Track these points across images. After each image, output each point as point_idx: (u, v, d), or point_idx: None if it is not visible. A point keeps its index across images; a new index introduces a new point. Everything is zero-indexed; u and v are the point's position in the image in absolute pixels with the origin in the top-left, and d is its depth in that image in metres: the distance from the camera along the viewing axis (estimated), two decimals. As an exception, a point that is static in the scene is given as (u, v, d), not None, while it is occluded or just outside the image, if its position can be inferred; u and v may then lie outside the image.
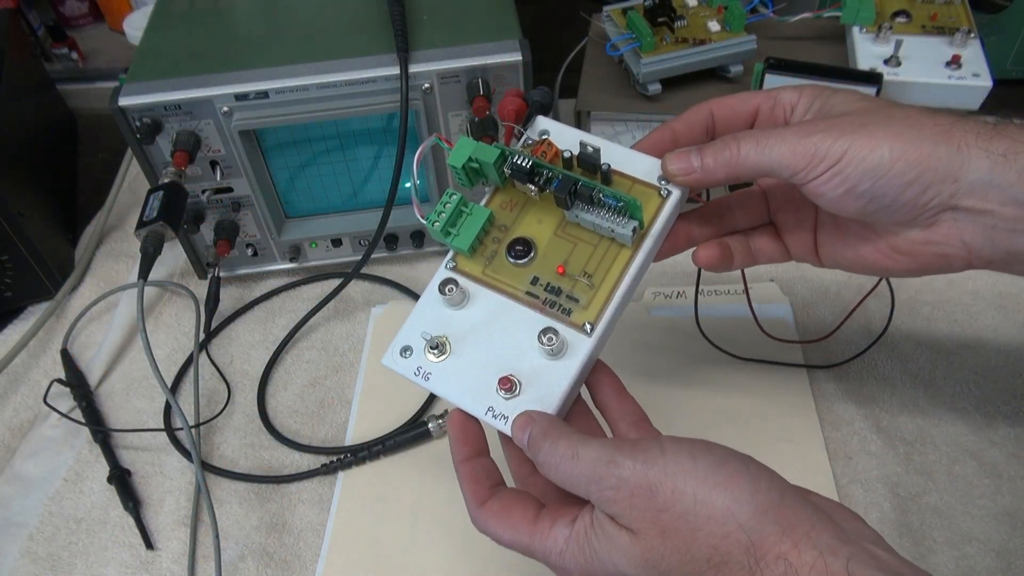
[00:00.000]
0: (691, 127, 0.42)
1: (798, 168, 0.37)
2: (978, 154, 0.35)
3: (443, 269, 0.40)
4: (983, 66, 0.64)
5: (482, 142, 0.40)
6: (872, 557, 0.29)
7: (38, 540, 0.54)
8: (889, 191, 0.36)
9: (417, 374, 0.39)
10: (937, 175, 0.36)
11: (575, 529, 0.33)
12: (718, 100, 0.42)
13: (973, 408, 0.55)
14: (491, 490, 0.37)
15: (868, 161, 0.36)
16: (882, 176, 0.36)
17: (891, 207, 0.37)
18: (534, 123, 0.42)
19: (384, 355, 0.39)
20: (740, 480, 0.30)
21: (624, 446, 0.33)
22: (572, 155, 0.40)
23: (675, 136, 0.42)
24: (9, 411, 0.63)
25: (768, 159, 0.37)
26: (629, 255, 0.39)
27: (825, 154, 0.36)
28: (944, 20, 0.67)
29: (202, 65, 0.58)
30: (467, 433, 0.38)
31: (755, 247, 0.46)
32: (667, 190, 0.40)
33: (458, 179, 0.40)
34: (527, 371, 0.38)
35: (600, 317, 0.38)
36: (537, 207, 0.41)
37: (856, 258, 0.42)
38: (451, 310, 0.40)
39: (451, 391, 0.38)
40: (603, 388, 0.40)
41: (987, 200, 0.35)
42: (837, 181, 0.36)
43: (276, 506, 0.55)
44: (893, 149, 0.35)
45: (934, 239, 0.38)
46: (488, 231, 0.41)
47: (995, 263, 0.38)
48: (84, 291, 0.71)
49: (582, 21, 0.77)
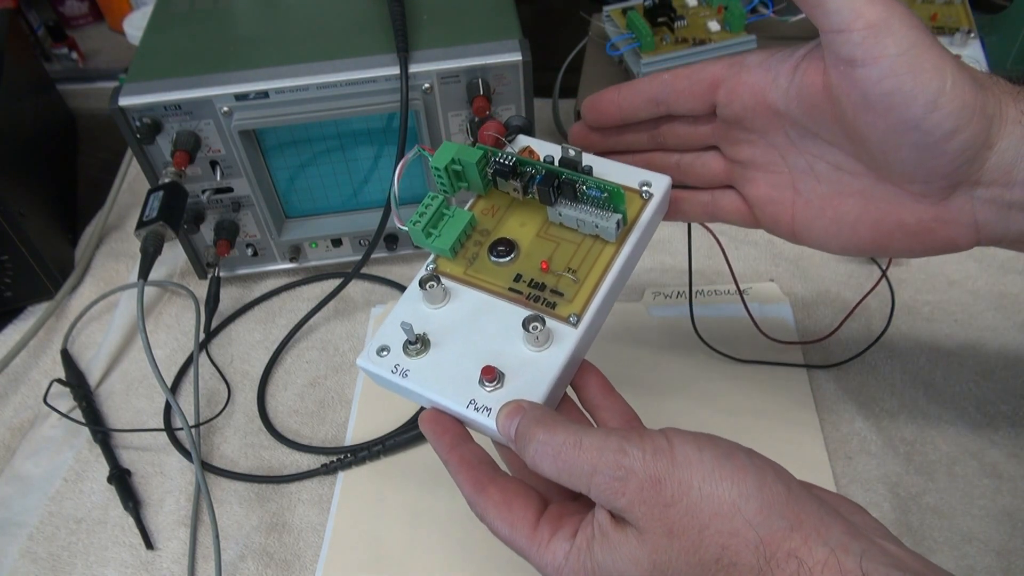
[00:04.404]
0: (638, 95, 0.40)
1: (860, 12, 0.31)
2: (1014, 119, 0.32)
3: (424, 271, 0.40)
4: (983, 66, 0.64)
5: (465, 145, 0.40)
6: (884, 552, 0.28)
7: (38, 540, 0.54)
8: (943, 125, 0.31)
9: (395, 372, 0.37)
10: (980, 134, 0.32)
11: (576, 544, 0.31)
12: (675, 70, 0.39)
13: (973, 408, 0.55)
14: (489, 475, 0.34)
15: (930, 75, 0.30)
16: (940, 100, 0.30)
17: (934, 149, 0.32)
18: (516, 140, 0.43)
19: (360, 356, 0.38)
20: (746, 473, 0.29)
21: (632, 435, 0.30)
22: (554, 159, 0.40)
23: (620, 103, 0.40)
24: (9, 411, 0.63)
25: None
26: (613, 251, 0.39)
27: (893, 29, 0.31)
28: (944, 20, 0.67)
29: (202, 65, 0.58)
30: (443, 425, 0.36)
31: (716, 197, 0.41)
32: (648, 192, 0.40)
33: (440, 183, 0.40)
34: (512, 363, 0.36)
35: (586, 309, 0.37)
36: (519, 211, 0.41)
37: (847, 230, 0.37)
38: (431, 308, 0.39)
39: (430, 387, 0.36)
40: (590, 387, 0.38)
41: (1011, 176, 0.32)
42: (897, 57, 0.30)
43: (276, 506, 0.55)
44: (957, 81, 0.31)
45: (944, 216, 0.34)
46: (470, 234, 0.40)
47: (1004, 242, 0.35)
48: (84, 291, 0.71)
49: (582, 21, 0.77)
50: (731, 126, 0.39)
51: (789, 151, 0.38)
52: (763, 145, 0.39)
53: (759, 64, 0.37)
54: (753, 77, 0.37)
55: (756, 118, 0.38)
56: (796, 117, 0.37)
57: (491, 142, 0.41)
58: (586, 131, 0.44)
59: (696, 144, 0.42)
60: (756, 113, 0.38)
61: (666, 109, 0.40)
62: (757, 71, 0.37)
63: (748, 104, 0.38)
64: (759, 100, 0.37)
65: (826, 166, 0.37)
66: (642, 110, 0.41)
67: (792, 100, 0.36)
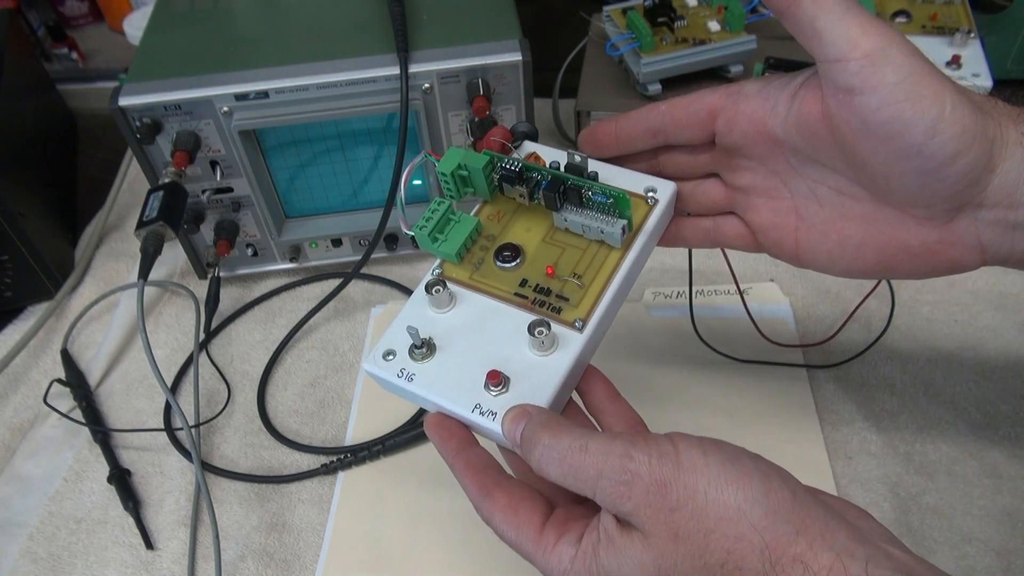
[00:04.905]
0: (635, 125, 0.40)
1: (856, 43, 0.31)
2: (1015, 140, 0.32)
3: (430, 276, 0.40)
4: (983, 66, 0.64)
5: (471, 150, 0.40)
6: (889, 558, 0.28)
7: (38, 540, 0.54)
8: (944, 150, 0.31)
9: (400, 376, 0.37)
10: (982, 157, 0.32)
11: (581, 548, 0.31)
12: (672, 100, 0.39)
13: (973, 408, 0.55)
14: (495, 479, 0.34)
15: (930, 101, 0.31)
16: (940, 126, 0.31)
17: (936, 174, 0.32)
18: (522, 147, 0.43)
19: (365, 360, 0.38)
20: (751, 478, 0.29)
21: (638, 439, 0.31)
22: (560, 165, 0.40)
23: (617, 134, 0.40)
24: (9, 411, 0.63)
25: (826, 23, 0.32)
26: (619, 256, 0.39)
27: (891, 57, 0.31)
28: (944, 20, 0.67)
29: (202, 65, 0.58)
30: (448, 429, 0.36)
31: (718, 224, 0.41)
32: (654, 199, 0.40)
33: (446, 188, 0.40)
34: (517, 368, 0.36)
35: (591, 315, 0.37)
36: (525, 216, 0.41)
37: (851, 253, 0.37)
38: (437, 313, 0.39)
39: (435, 391, 0.36)
40: (596, 392, 0.38)
41: (1014, 197, 0.32)
42: (895, 86, 0.31)
43: (276, 506, 0.55)
44: (956, 105, 0.31)
45: (949, 238, 0.34)
46: (476, 240, 0.40)
47: (1010, 262, 0.35)
48: (84, 291, 0.71)
49: (582, 21, 0.77)
50: (731, 154, 0.39)
51: (790, 177, 0.38)
52: (764, 172, 0.39)
53: (757, 93, 0.37)
54: (751, 106, 0.37)
55: (755, 146, 0.38)
56: (796, 144, 0.37)
57: (497, 148, 0.41)
58: None
59: (696, 172, 0.42)
60: (755, 141, 0.38)
61: (664, 139, 0.40)
62: (755, 100, 0.37)
63: (747, 132, 0.38)
64: (758, 128, 0.37)
65: (828, 191, 0.37)
66: (640, 140, 0.41)
67: (791, 128, 0.36)
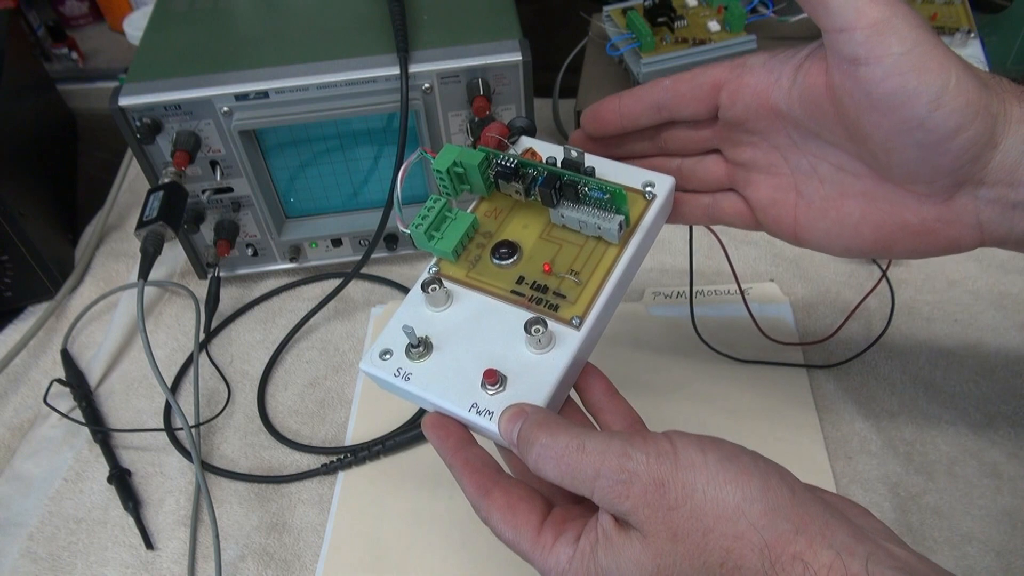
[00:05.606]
0: (639, 101, 0.40)
1: (862, 12, 0.31)
2: (1018, 118, 0.32)
3: (426, 274, 0.40)
4: (983, 66, 0.64)
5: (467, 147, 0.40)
6: (889, 555, 0.28)
7: (38, 540, 0.54)
8: (946, 123, 0.31)
9: (397, 375, 0.37)
10: (984, 133, 0.31)
11: (579, 548, 0.31)
12: (676, 75, 0.39)
13: (973, 408, 0.55)
14: (493, 478, 0.34)
15: (934, 73, 0.31)
16: (943, 99, 0.31)
17: (937, 147, 0.32)
18: (519, 142, 0.43)
19: (362, 359, 0.38)
20: (750, 476, 0.29)
21: (635, 438, 0.30)
22: (556, 160, 0.40)
23: (621, 111, 0.40)
24: (9, 411, 0.63)
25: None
26: (617, 252, 0.38)
27: (896, 28, 0.31)
28: (944, 20, 0.67)
29: (202, 65, 0.58)
30: (446, 429, 0.36)
31: (717, 200, 0.41)
32: (651, 193, 0.40)
33: (442, 185, 0.40)
34: (514, 366, 0.36)
35: (588, 312, 0.37)
36: (522, 213, 0.41)
37: (849, 231, 0.37)
38: (433, 311, 0.39)
39: (432, 391, 0.36)
40: (593, 390, 0.38)
41: (1015, 175, 0.32)
42: (900, 56, 0.30)
43: (276, 506, 0.55)
44: (960, 79, 0.31)
45: (947, 216, 0.34)
46: (472, 237, 0.40)
47: (1008, 243, 0.34)
48: (84, 291, 0.71)
49: (582, 21, 0.77)
50: (733, 128, 0.39)
51: (791, 153, 0.38)
52: (765, 147, 0.39)
53: (761, 65, 0.37)
54: (755, 78, 0.37)
55: (758, 120, 0.38)
56: (798, 118, 0.36)
57: (493, 144, 0.41)
58: (584, 140, 0.44)
59: (698, 148, 0.42)
60: (758, 115, 0.38)
61: (668, 115, 0.40)
62: (759, 72, 0.37)
63: (750, 106, 0.38)
64: (761, 102, 0.37)
65: (829, 167, 0.37)
66: (644, 117, 0.41)
67: (795, 101, 0.36)
